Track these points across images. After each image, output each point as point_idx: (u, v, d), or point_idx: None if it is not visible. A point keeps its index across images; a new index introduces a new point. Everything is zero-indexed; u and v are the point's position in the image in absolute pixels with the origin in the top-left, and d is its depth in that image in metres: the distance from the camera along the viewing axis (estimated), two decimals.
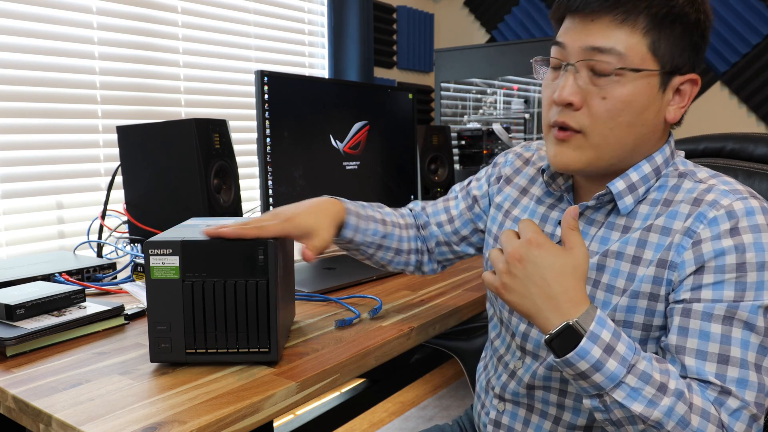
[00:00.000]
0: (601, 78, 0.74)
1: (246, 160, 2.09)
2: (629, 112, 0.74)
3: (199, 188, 1.36)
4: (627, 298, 0.77)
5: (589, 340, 0.65)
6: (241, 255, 0.81)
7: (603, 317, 0.67)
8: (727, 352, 0.69)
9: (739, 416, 0.68)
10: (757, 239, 0.70)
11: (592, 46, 0.73)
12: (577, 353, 0.65)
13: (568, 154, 0.77)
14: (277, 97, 1.40)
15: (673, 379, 0.67)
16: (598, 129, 0.75)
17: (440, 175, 2.22)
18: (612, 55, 0.72)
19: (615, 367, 0.65)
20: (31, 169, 1.57)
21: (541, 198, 0.90)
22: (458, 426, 1.12)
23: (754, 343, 0.69)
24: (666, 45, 0.73)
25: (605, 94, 0.74)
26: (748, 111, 2.59)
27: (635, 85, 0.73)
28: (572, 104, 0.75)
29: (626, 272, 0.77)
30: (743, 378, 0.68)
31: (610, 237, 0.80)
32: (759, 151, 1.01)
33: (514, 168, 0.97)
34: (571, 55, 0.76)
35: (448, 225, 1.03)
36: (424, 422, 2.39)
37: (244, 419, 0.72)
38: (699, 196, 0.75)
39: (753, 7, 2.51)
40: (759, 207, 0.72)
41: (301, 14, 2.38)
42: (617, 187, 0.78)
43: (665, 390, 0.65)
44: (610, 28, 0.73)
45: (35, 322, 0.91)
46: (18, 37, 1.53)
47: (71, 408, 0.71)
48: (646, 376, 0.65)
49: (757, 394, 0.68)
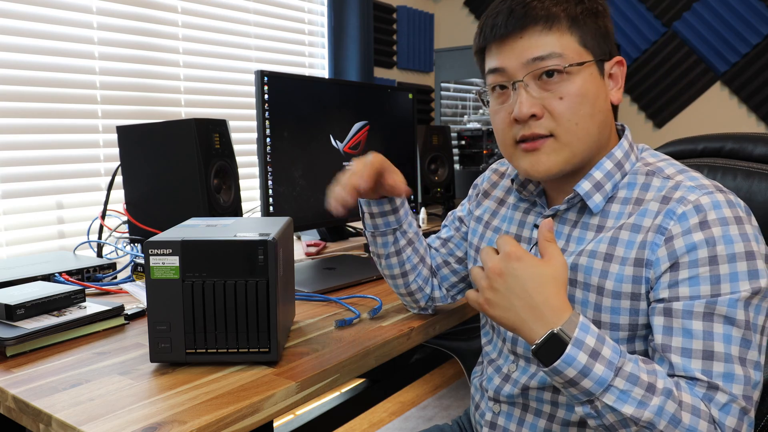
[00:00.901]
0: (551, 83, 0.78)
1: (246, 160, 2.09)
2: (586, 103, 0.78)
3: (199, 188, 1.36)
4: (610, 299, 0.78)
5: (574, 346, 0.66)
6: (241, 255, 0.81)
7: (586, 323, 0.68)
8: (711, 348, 0.70)
9: (729, 410, 0.69)
10: (726, 232, 0.72)
11: (532, 57, 0.78)
12: (563, 360, 0.66)
13: (543, 160, 0.80)
14: (277, 97, 1.40)
15: (661, 378, 0.68)
16: (564, 127, 0.79)
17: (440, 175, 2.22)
18: (553, 58, 0.77)
19: (602, 371, 0.66)
20: (31, 169, 1.57)
21: (517, 204, 0.93)
22: (458, 426, 1.12)
23: (736, 337, 0.70)
24: (590, 37, 0.79)
25: (561, 95, 0.78)
26: (748, 111, 2.59)
27: (582, 78, 0.78)
28: (535, 115, 0.79)
29: (599, 269, 0.78)
30: (729, 372, 0.69)
31: (585, 237, 0.82)
32: (758, 151, 1.01)
33: (491, 182, 1.01)
34: (515, 74, 0.80)
35: (442, 248, 1.06)
36: (424, 422, 2.39)
37: (244, 419, 0.72)
38: (667, 193, 0.77)
39: (753, 7, 2.51)
40: (725, 200, 0.74)
41: (301, 14, 2.38)
42: (583, 188, 0.81)
43: (654, 390, 0.66)
44: (541, 37, 0.78)
45: (35, 322, 0.91)
46: (18, 37, 1.53)
47: (71, 408, 0.71)
48: (633, 378, 0.66)
49: (744, 387, 0.69)
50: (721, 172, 1.04)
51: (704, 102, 2.68)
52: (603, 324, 0.79)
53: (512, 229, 0.92)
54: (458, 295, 1.08)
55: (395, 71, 2.96)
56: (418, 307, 1.07)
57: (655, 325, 0.74)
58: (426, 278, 1.04)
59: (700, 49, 2.64)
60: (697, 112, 2.70)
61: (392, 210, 0.97)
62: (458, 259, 1.05)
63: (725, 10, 2.56)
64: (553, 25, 0.77)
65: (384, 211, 0.97)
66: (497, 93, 0.83)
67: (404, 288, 1.03)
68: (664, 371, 0.71)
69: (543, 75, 0.78)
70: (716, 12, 2.58)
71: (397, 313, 1.09)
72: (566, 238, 0.84)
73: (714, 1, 2.58)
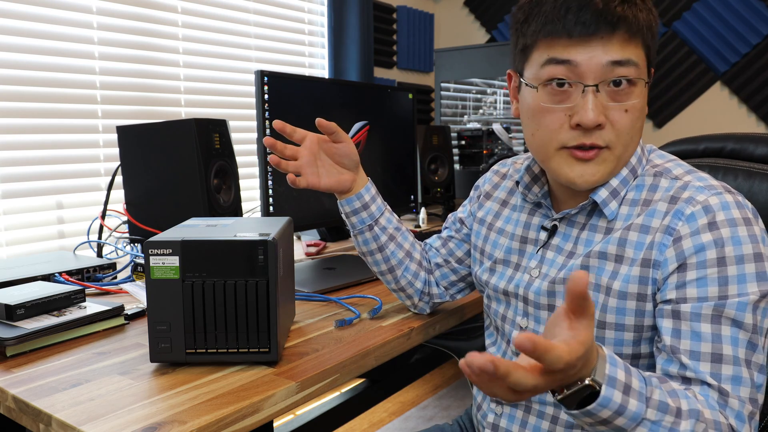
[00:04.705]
0: (620, 93, 0.75)
1: (246, 160, 2.09)
2: (641, 119, 0.78)
3: (199, 188, 1.36)
4: (616, 299, 0.77)
5: (609, 386, 0.59)
6: (241, 255, 0.81)
7: (612, 355, 0.62)
8: (720, 351, 0.70)
9: (742, 417, 0.69)
10: (734, 233, 0.72)
11: (612, 60, 0.73)
12: (600, 403, 0.59)
13: (593, 171, 0.77)
14: (277, 97, 1.40)
15: (683, 398, 0.66)
16: (622, 141, 0.77)
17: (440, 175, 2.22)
18: (631, 67, 0.74)
19: (636, 407, 0.61)
20: (31, 169, 1.57)
21: (521, 206, 0.93)
22: (458, 426, 1.12)
23: (743, 340, 0.70)
24: (652, 53, 0.78)
25: (626, 107, 0.75)
26: (748, 111, 2.59)
27: (642, 93, 0.77)
28: (600, 125, 0.75)
29: (610, 270, 0.78)
30: (737, 375, 0.69)
31: (594, 239, 0.81)
32: (759, 151, 1.01)
33: (492, 184, 1.00)
34: (588, 73, 0.74)
35: (443, 248, 1.06)
36: (424, 422, 2.39)
37: (244, 419, 0.72)
38: (675, 193, 0.76)
39: (753, 7, 2.51)
40: (733, 201, 0.74)
41: (301, 14, 2.38)
42: (600, 196, 0.80)
43: (680, 414, 0.64)
44: (624, 42, 0.74)
45: (35, 322, 0.91)
46: (18, 37, 1.53)
47: (71, 408, 0.71)
48: (663, 406, 0.63)
49: (750, 390, 0.70)
50: (722, 173, 1.04)
51: (704, 102, 2.68)
52: (608, 324, 0.78)
53: (518, 231, 0.91)
54: (458, 294, 1.08)
55: (395, 71, 2.96)
56: (413, 304, 1.07)
57: (663, 327, 0.74)
58: (415, 273, 1.03)
59: (700, 49, 2.64)
60: (697, 112, 2.70)
61: (363, 206, 0.98)
62: (458, 259, 1.05)
63: (725, 10, 2.56)
64: (636, 33, 0.74)
65: (355, 209, 0.98)
66: (553, 89, 0.76)
67: (395, 284, 1.03)
68: (682, 388, 0.69)
69: (612, 83, 0.74)
70: (716, 12, 2.58)
71: (397, 313, 1.09)
72: (574, 240, 0.83)
73: (714, 1, 2.58)
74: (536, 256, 0.87)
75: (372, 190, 0.99)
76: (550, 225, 0.86)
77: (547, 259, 0.85)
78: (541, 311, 0.85)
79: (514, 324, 0.89)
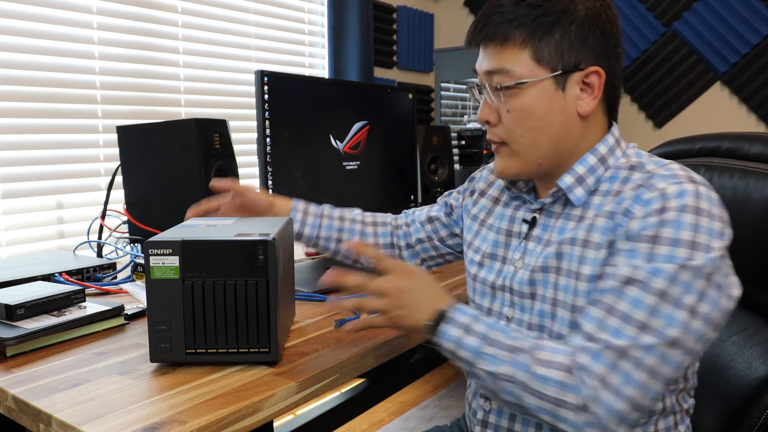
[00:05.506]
0: (503, 95, 0.83)
1: (246, 160, 2.09)
2: (532, 117, 0.82)
3: (199, 188, 1.36)
4: (585, 283, 0.79)
5: (449, 324, 0.79)
6: (241, 255, 0.81)
7: (464, 308, 0.81)
8: (614, 305, 0.72)
9: (599, 358, 0.70)
10: (678, 218, 0.72)
11: (486, 70, 0.84)
12: (440, 336, 0.80)
13: (501, 163, 0.87)
14: (277, 97, 1.40)
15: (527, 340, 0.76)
16: (511, 137, 0.84)
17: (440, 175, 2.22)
18: (500, 74, 0.82)
19: (475, 342, 0.77)
20: (31, 169, 1.57)
21: (508, 202, 0.96)
22: (458, 428, 1.12)
23: (645, 303, 0.70)
24: (549, 50, 0.80)
25: (508, 107, 0.83)
26: (748, 111, 2.59)
27: (529, 94, 0.81)
28: (489, 122, 0.86)
29: (579, 256, 0.80)
30: (618, 329, 0.71)
31: (567, 227, 0.84)
32: (755, 150, 1.01)
33: (487, 182, 1.03)
34: (479, 78, 0.87)
35: (428, 225, 1.14)
36: (424, 422, 2.39)
37: (244, 419, 0.72)
38: (642, 182, 0.78)
39: (753, 7, 2.51)
40: (693, 190, 0.73)
41: (301, 14, 2.38)
42: (566, 183, 0.84)
43: (515, 350, 0.75)
44: (495, 51, 0.83)
45: (35, 322, 0.91)
46: (18, 37, 1.53)
47: (71, 408, 0.71)
48: (500, 344, 0.76)
49: (631, 345, 0.70)
50: (717, 172, 1.04)
51: (704, 102, 2.68)
52: (578, 309, 0.80)
53: (503, 225, 0.94)
54: (433, 266, 1.18)
55: (395, 71, 2.96)
56: None
57: None
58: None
59: (700, 49, 2.64)
60: (697, 112, 2.70)
61: (297, 236, 1.13)
62: (440, 239, 1.12)
63: (725, 10, 2.56)
64: (506, 42, 0.81)
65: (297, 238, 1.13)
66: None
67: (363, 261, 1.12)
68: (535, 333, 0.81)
69: (496, 86, 0.83)
70: (716, 12, 2.58)
71: None
72: (551, 230, 0.86)
73: (714, 1, 2.58)
74: (520, 248, 0.89)
75: (299, 216, 1.12)
76: (530, 217, 0.90)
77: (529, 250, 0.88)
78: (524, 300, 0.87)
79: (500, 315, 0.91)
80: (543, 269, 0.83)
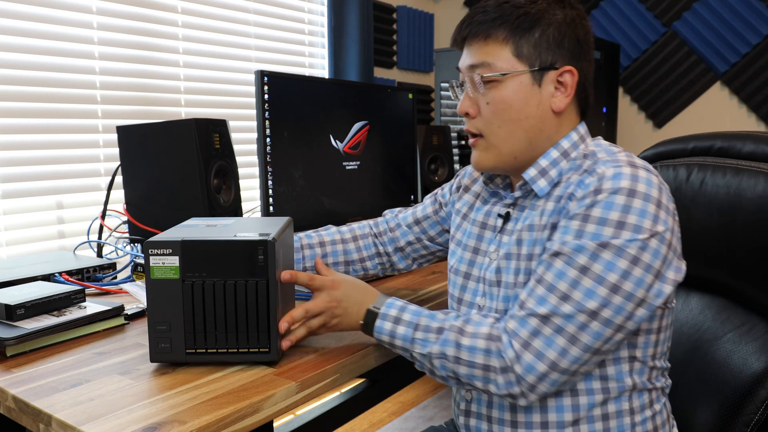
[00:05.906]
0: (483, 87, 0.88)
1: (246, 160, 2.09)
2: (510, 109, 0.87)
3: (199, 188, 1.36)
4: (533, 262, 0.85)
5: (381, 319, 0.87)
6: (241, 255, 0.81)
7: (393, 302, 0.89)
8: (543, 275, 0.79)
9: (523, 323, 0.78)
10: (610, 199, 0.76)
11: (469, 64, 0.89)
12: (376, 331, 0.87)
13: (478, 155, 0.92)
14: (277, 97, 1.40)
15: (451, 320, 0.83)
16: (489, 129, 0.89)
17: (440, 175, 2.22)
18: (482, 67, 0.87)
19: (404, 331, 0.85)
20: (31, 169, 1.57)
21: (487, 198, 1.00)
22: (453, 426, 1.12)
23: (568, 276, 0.77)
24: (528, 47, 0.86)
25: (488, 100, 0.88)
26: (748, 111, 2.59)
27: (508, 86, 0.86)
28: (468, 113, 0.90)
29: (533, 239, 0.86)
30: (543, 297, 0.78)
31: (529, 216, 0.89)
32: (746, 149, 1.02)
33: (471, 178, 1.07)
34: (462, 74, 0.92)
35: (416, 226, 1.16)
36: (424, 422, 2.39)
37: (244, 419, 0.72)
38: (587, 168, 0.83)
39: (753, 7, 2.51)
40: (629, 174, 0.77)
41: (301, 14, 2.38)
42: (529, 174, 0.88)
43: (441, 331, 0.83)
44: (479, 46, 0.88)
45: (35, 322, 0.91)
46: (18, 37, 1.53)
47: (71, 408, 0.71)
48: (426, 328, 0.84)
49: (552, 314, 0.76)
50: (711, 170, 1.05)
51: (704, 102, 2.68)
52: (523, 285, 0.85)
53: (479, 218, 0.98)
54: (425, 263, 1.22)
55: (395, 71, 2.96)
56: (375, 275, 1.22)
57: None
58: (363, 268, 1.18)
59: (700, 49, 2.64)
60: (697, 112, 2.70)
61: None
62: (430, 238, 1.15)
63: (725, 10, 2.56)
64: (489, 37, 0.87)
65: None
66: None
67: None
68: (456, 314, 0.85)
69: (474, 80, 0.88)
70: (716, 12, 2.58)
71: None
72: (521, 222, 0.90)
73: (714, 1, 2.58)
74: (495, 241, 0.93)
75: None
76: (504, 212, 0.93)
77: (503, 243, 0.91)
78: (492, 288, 0.90)
79: (472, 305, 0.94)
80: (507, 257, 0.88)
